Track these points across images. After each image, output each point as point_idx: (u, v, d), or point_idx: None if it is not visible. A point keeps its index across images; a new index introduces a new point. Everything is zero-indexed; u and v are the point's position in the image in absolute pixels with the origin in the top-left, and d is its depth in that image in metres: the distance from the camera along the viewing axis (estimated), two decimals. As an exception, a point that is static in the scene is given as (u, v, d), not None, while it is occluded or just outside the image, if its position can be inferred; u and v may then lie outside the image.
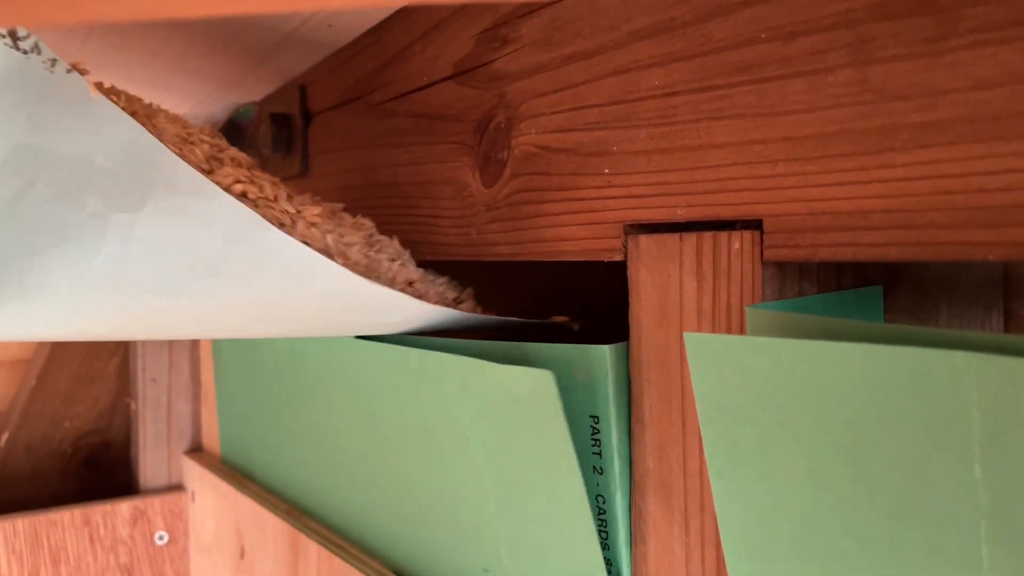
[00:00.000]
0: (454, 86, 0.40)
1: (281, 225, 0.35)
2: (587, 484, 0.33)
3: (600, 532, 0.33)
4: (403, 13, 0.44)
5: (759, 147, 0.26)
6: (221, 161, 0.37)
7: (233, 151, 0.38)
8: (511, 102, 0.36)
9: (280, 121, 0.55)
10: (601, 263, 0.32)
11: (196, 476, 0.71)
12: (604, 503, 0.32)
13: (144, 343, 0.72)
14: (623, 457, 0.32)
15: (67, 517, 0.67)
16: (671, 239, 0.29)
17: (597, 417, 0.32)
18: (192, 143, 0.36)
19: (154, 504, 0.71)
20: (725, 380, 0.23)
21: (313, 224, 0.36)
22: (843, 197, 0.23)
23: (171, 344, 0.73)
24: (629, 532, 0.32)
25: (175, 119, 0.38)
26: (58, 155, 0.29)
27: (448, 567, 0.41)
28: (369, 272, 0.37)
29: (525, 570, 0.36)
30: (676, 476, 0.29)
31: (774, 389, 0.22)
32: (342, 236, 0.37)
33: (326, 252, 0.35)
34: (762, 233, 0.26)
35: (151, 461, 0.73)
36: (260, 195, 0.35)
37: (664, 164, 0.29)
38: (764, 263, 0.26)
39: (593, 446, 0.32)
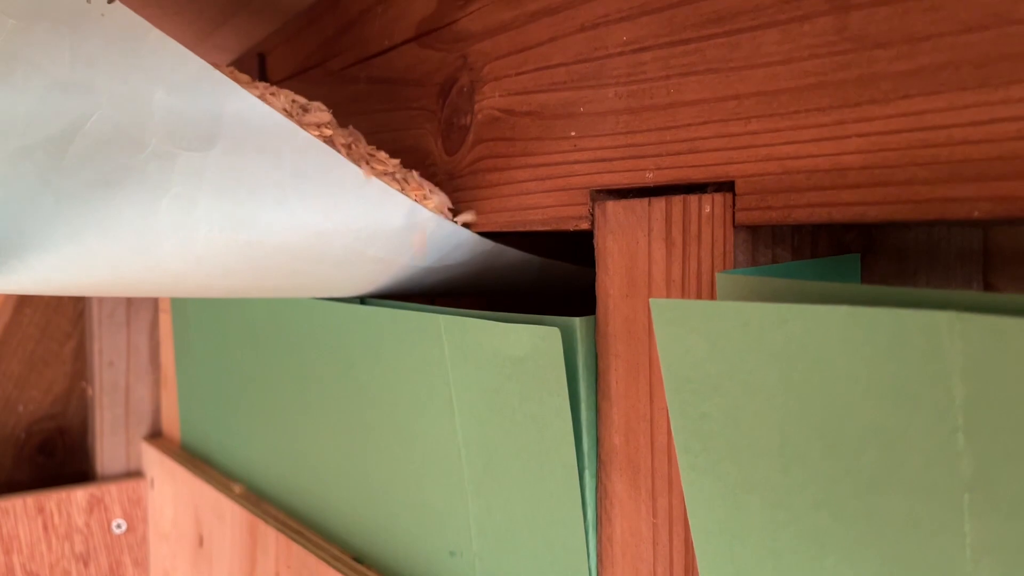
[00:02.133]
0: (416, 49, 0.38)
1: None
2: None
3: (567, 513, 0.31)
4: (364, -25, 0.42)
5: (731, 103, 0.24)
6: (306, 108, 0.35)
7: (317, 104, 0.36)
8: (474, 64, 0.34)
9: (239, 91, 0.52)
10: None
11: (155, 462, 0.68)
12: (571, 483, 0.31)
13: (100, 324, 0.69)
14: (591, 434, 0.30)
15: (19, 505, 0.65)
16: (639, 204, 0.27)
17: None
18: (272, 95, 0.34)
19: (111, 491, 0.69)
20: (693, 348, 0.22)
21: (386, 171, 0.35)
22: (819, 154, 0.22)
23: (129, 326, 0.70)
24: (596, 512, 0.31)
25: (250, 81, 0.36)
26: (110, 92, 0.28)
27: (411, 550, 0.40)
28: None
29: (497, 551, 0.34)
30: (643, 454, 0.28)
31: (744, 356, 0.21)
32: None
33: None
34: (734, 195, 0.24)
35: (108, 447, 0.71)
36: (339, 138, 0.34)
37: (633, 125, 0.27)
38: (736, 227, 0.25)
39: (561, 423, 0.31)
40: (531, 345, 0.30)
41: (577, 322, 0.30)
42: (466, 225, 0.35)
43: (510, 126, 0.32)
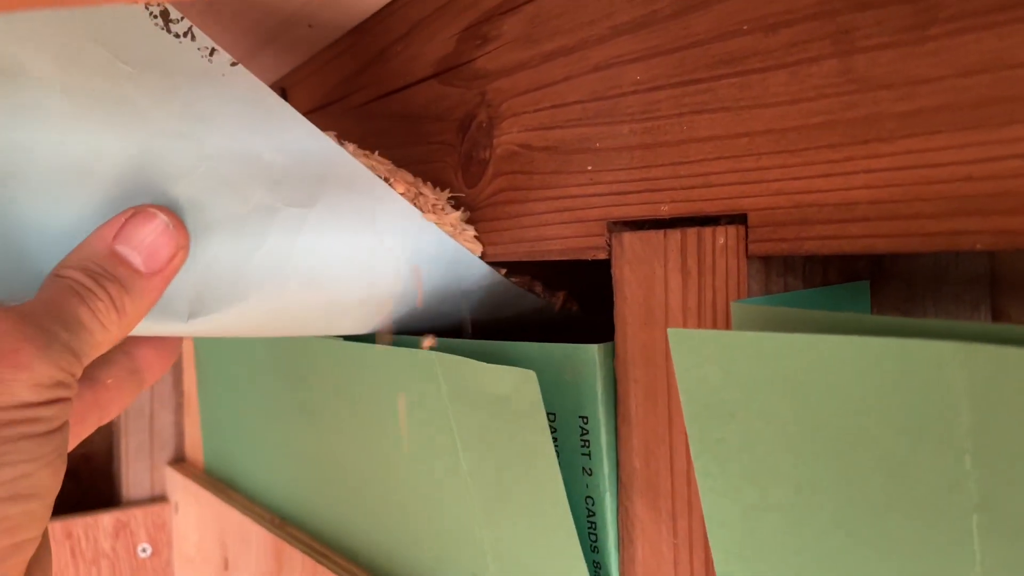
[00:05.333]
0: (436, 85, 0.40)
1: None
2: (576, 486, 0.32)
3: (590, 534, 0.32)
4: (384, 13, 0.43)
5: (743, 140, 0.25)
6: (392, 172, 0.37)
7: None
8: (492, 100, 0.36)
9: (261, 125, 0.54)
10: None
11: (179, 487, 0.70)
12: (593, 504, 0.32)
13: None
14: (611, 458, 0.31)
15: (47, 530, 0.66)
16: (655, 236, 0.28)
17: (586, 417, 0.32)
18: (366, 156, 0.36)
19: (137, 516, 0.70)
20: (709, 376, 0.23)
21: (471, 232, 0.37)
22: (828, 189, 0.23)
23: (153, 353, 0.72)
24: (618, 534, 0.31)
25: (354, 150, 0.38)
26: (218, 147, 0.29)
27: (435, 574, 0.41)
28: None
29: (513, 576, 0.35)
30: (663, 476, 0.29)
31: (759, 384, 0.22)
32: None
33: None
34: (747, 227, 0.25)
35: (133, 472, 0.72)
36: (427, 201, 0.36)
37: (647, 160, 0.29)
38: (749, 258, 0.26)
39: (582, 447, 0.32)
40: (512, 386, 0.31)
41: (595, 349, 0.31)
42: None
43: (528, 160, 0.34)
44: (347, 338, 0.42)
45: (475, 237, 0.35)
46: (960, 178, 0.20)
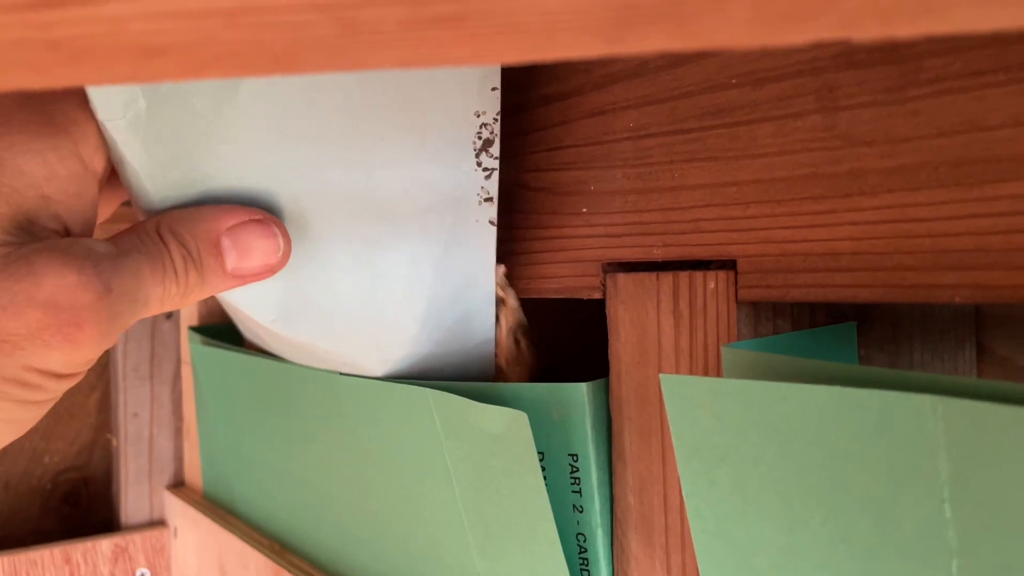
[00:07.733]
0: (434, 124, 0.40)
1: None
2: (567, 523, 0.33)
3: (582, 571, 0.33)
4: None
5: (731, 189, 0.26)
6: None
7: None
8: (490, 141, 0.36)
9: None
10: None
11: (179, 512, 0.70)
12: (585, 541, 0.33)
13: (125, 377, 0.71)
14: (603, 495, 0.32)
15: (47, 555, 0.66)
16: (648, 278, 0.29)
17: (576, 455, 0.32)
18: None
19: (136, 541, 0.70)
20: (700, 421, 0.23)
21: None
22: (813, 239, 0.24)
23: (152, 377, 0.72)
24: (611, 570, 0.32)
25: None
26: (417, 277, 0.33)
27: (432, 604, 0.41)
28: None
29: (508, 609, 0.36)
30: (657, 513, 0.29)
31: (747, 430, 0.22)
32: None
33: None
34: (736, 273, 0.26)
35: (132, 497, 0.72)
36: None
37: (640, 204, 0.29)
38: (739, 303, 0.26)
39: (572, 484, 0.32)
40: (505, 425, 0.31)
41: (584, 387, 0.31)
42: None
43: (525, 200, 0.35)
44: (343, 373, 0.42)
45: (506, 275, 0.36)
46: (938, 233, 0.21)
